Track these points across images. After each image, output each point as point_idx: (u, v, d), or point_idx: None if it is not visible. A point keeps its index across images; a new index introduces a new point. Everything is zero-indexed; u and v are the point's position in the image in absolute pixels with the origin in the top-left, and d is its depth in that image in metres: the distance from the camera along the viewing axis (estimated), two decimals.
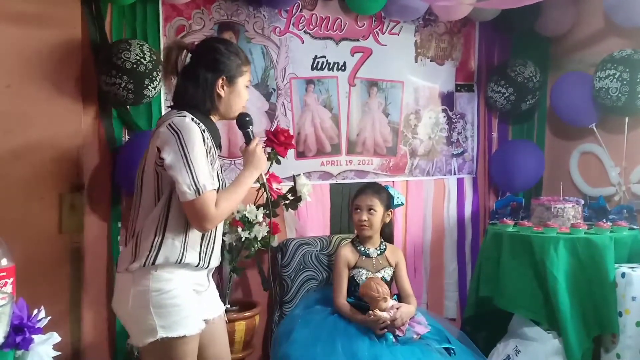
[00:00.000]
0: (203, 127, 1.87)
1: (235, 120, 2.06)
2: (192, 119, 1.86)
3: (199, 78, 1.91)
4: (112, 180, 2.81)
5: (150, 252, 1.83)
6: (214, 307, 2.03)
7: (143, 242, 1.85)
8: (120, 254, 1.95)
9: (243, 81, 1.98)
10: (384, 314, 2.52)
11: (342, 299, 2.68)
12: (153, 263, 1.82)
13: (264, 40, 3.16)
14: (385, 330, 2.51)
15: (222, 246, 2.12)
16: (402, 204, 2.93)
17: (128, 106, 2.82)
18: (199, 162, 1.79)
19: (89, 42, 2.74)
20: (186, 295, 1.86)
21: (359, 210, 2.78)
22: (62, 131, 2.65)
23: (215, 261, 1.98)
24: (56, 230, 2.63)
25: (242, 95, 2.00)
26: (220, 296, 2.14)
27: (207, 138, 1.87)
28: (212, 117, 1.97)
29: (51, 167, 2.62)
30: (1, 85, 2.52)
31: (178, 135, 1.80)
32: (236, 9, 3.08)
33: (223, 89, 1.94)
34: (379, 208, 2.76)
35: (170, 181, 1.82)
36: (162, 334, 1.79)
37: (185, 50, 1.98)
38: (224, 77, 1.93)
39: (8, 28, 2.51)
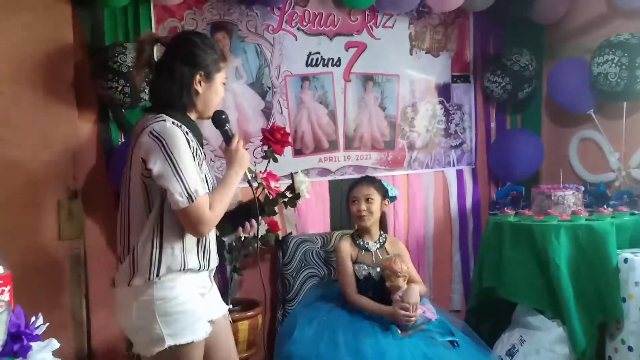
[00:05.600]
0: (185, 129, 1.80)
1: (210, 119, 1.96)
2: (173, 122, 1.78)
3: (175, 72, 1.82)
4: (111, 184, 2.81)
5: (151, 267, 1.77)
6: (217, 308, 2.00)
7: (141, 258, 1.78)
8: (118, 270, 1.87)
9: (220, 77, 1.90)
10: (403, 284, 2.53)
11: (355, 292, 2.63)
12: (157, 275, 1.78)
13: (257, 39, 3.14)
14: (408, 318, 2.48)
15: (222, 246, 2.10)
16: (396, 197, 2.92)
17: (123, 109, 2.81)
18: (187, 168, 1.73)
19: (82, 46, 2.74)
20: (192, 300, 1.82)
21: (356, 201, 2.76)
22: (57, 137, 2.64)
23: (214, 261, 1.95)
24: (55, 237, 2.63)
25: (219, 92, 1.91)
26: (223, 296, 2.12)
27: (192, 140, 1.81)
28: (190, 114, 1.88)
29: (48, 174, 2.62)
30: None
31: (162, 142, 1.73)
32: (228, 8, 3.07)
33: (200, 85, 1.86)
34: (376, 197, 2.74)
35: (160, 191, 1.76)
36: (170, 342, 1.75)
37: (158, 44, 1.90)
38: (202, 73, 1.85)
39: None
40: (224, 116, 1.95)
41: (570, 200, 3.07)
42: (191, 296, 1.82)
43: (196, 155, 1.81)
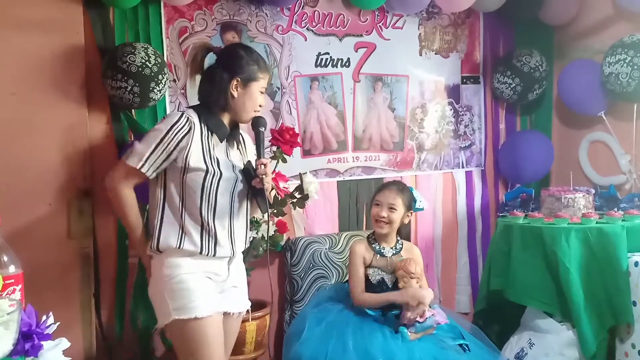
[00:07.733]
0: (192, 118, 1.98)
1: (250, 124, 2.13)
2: (183, 112, 2.00)
3: (216, 77, 2.05)
4: None
5: (154, 236, 1.99)
6: (236, 303, 2.11)
7: (150, 226, 2.03)
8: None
9: (257, 86, 2.07)
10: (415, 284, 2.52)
11: (362, 292, 2.58)
12: (157, 247, 1.97)
13: (266, 39, 3.14)
14: (419, 305, 2.46)
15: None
16: (422, 209, 2.85)
17: (133, 110, 2.82)
18: (146, 140, 1.98)
19: (93, 46, 2.75)
20: (195, 280, 1.97)
21: (379, 206, 2.70)
22: (68, 136, 2.65)
23: (224, 251, 2.03)
24: (65, 236, 2.64)
25: (253, 98, 2.07)
26: None
27: (185, 130, 1.95)
28: (222, 116, 2.06)
29: (58, 173, 2.63)
30: (6, 93, 2.53)
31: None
32: (238, 8, 3.07)
33: (237, 90, 2.05)
34: (400, 207, 2.66)
35: (166, 166, 1.98)
36: (174, 315, 1.93)
37: (210, 52, 2.13)
38: (239, 79, 2.04)
39: (11, 36, 2.53)
40: (261, 119, 2.12)
41: (580, 203, 3.05)
42: (194, 276, 1.97)
43: (176, 142, 1.95)
